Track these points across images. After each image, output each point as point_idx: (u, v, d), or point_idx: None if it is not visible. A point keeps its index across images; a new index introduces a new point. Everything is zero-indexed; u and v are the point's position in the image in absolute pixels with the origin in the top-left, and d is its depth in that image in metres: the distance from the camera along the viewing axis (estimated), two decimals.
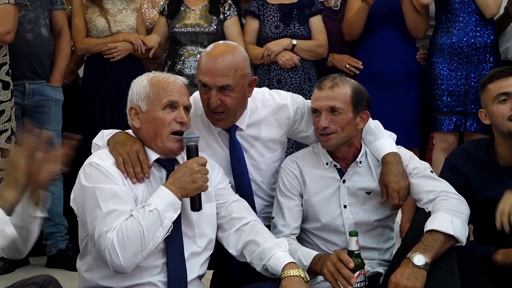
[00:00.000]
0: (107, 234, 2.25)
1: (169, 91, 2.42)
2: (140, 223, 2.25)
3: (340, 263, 2.38)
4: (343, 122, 2.60)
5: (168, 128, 2.40)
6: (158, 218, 2.26)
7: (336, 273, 2.38)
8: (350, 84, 2.66)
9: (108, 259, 2.25)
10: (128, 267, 2.27)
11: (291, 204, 2.69)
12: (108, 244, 2.24)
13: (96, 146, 2.56)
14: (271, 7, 4.07)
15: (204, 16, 4.02)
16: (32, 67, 3.82)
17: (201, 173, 2.34)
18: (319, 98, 2.63)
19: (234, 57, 2.59)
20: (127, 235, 2.24)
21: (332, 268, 2.39)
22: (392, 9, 4.01)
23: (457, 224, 2.42)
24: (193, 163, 2.35)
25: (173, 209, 2.30)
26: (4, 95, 3.50)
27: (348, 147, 2.68)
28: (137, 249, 2.25)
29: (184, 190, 2.32)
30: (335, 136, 2.61)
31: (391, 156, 2.65)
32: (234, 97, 2.59)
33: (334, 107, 2.60)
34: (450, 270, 2.38)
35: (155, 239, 2.27)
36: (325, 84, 2.63)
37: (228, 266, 2.60)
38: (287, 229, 2.66)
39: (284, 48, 3.99)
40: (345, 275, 2.36)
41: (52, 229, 4.00)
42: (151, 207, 2.27)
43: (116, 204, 2.28)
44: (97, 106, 4.03)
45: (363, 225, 2.67)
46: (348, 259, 2.38)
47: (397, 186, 2.59)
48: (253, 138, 2.77)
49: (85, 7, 4.06)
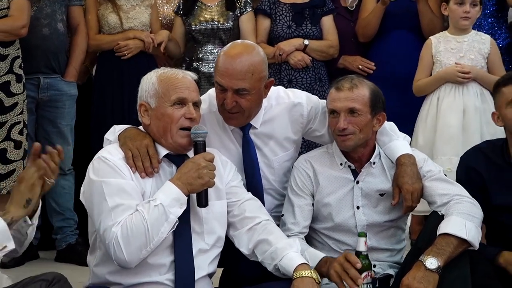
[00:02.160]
0: (112, 228, 2.25)
1: (177, 87, 2.42)
2: (145, 218, 2.25)
3: (347, 263, 2.37)
4: (362, 123, 2.60)
5: (177, 124, 2.40)
6: (163, 213, 2.27)
7: (343, 273, 2.37)
8: (368, 85, 2.65)
9: (112, 254, 2.26)
10: (132, 262, 2.27)
11: (302, 202, 2.69)
12: (113, 238, 2.25)
13: (107, 141, 2.57)
14: (283, 6, 4.07)
15: (221, 12, 4.02)
16: (47, 61, 3.84)
17: (208, 169, 2.33)
18: (337, 99, 2.62)
19: (252, 59, 2.58)
20: (131, 230, 2.24)
21: (339, 268, 2.38)
22: (406, 11, 4.01)
23: (470, 228, 2.41)
24: (200, 159, 2.35)
25: (178, 204, 2.30)
26: (17, 88, 3.53)
27: (363, 148, 2.68)
28: (141, 244, 2.25)
29: (190, 186, 2.32)
30: (353, 137, 2.61)
31: (405, 158, 2.65)
32: (250, 99, 2.59)
33: (354, 108, 2.59)
34: (462, 274, 2.38)
35: (160, 234, 2.27)
36: (344, 85, 2.62)
37: (238, 264, 2.60)
38: (296, 227, 2.66)
39: (296, 48, 3.99)
40: (352, 275, 2.35)
41: (62, 224, 4.02)
42: (156, 202, 2.27)
43: (122, 199, 2.29)
44: (109, 102, 4.04)
45: (376, 226, 2.67)
46: (356, 259, 2.37)
47: (411, 188, 2.58)
48: (266, 137, 2.77)
49: (98, 3, 4.07)
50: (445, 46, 3.71)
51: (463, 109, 3.64)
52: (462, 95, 3.66)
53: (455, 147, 3.52)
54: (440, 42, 3.73)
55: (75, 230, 4.05)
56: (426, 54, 3.78)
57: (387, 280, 2.64)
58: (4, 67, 3.44)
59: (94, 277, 2.44)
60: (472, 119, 3.60)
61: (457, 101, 3.65)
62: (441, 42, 3.73)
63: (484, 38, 3.71)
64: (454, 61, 3.69)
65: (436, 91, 3.72)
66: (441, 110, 3.67)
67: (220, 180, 2.50)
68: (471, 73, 3.63)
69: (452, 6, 3.68)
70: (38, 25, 3.71)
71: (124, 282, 2.35)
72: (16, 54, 3.61)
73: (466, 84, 3.66)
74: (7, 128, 3.47)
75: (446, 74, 3.68)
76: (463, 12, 3.63)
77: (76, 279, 2.72)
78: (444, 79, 3.70)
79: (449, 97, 3.68)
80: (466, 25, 3.67)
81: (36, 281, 2.35)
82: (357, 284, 2.34)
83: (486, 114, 3.58)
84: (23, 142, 3.53)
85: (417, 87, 3.79)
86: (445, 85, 3.70)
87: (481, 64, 3.68)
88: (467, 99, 3.65)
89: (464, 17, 3.64)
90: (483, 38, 3.72)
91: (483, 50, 3.68)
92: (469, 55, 3.67)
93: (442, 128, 3.64)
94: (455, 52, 3.70)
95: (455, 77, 3.64)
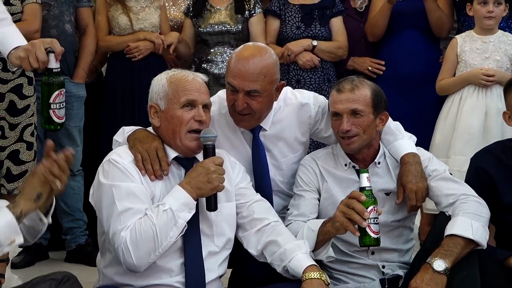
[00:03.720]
0: (121, 232, 2.26)
1: (187, 89, 2.42)
2: (154, 223, 2.25)
3: (351, 199, 2.32)
4: (365, 124, 2.59)
5: (186, 126, 2.40)
6: (172, 218, 2.26)
7: (348, 210, 2.31)
8: (369, 85, 2.65)
9: (121, 258, 2.27)
10: (141, 266, 2.27)
11: (309, 196, 2.68)
12: (122, 243, 2.25)
13: (116, 142, 2.57)
14: (292, 7, 4.07)
15: (230, 15, 4.02)
16: None
17: (217, 173, 2.33)
18: (339, 101, 2.62)
19: (265, 62, 2.58)
20: (140, 234, 2.25)
21: (344, 207, 2.33)
22: (415, 10, 3.99)
23: (477, 228, 2.41)
24: (209, 163, 2.34)
25: (187, 209, 2.30)
26: (29, 91, 3.56)
27: (367, 149, 2.67)
28: (150, 249, 2.25)
29: (200, 190, 2.32)
30: (357, 139, 2.60)
31: (410, 156, 2.64)
32: (261, 101, 2.59)
33: (356, 109, 2.59)
34: (471, 274, 2.38)
35: (168, 239, 2.27)
36: (344, 87, 2.62)
37: (247, 265, 2.60)
38: (300, 217, 2.63)
39: (305, 48, 3.98)
40: (358, 209, 2.29)
41: (71, 224, 4.03)
42: (165, 207, 2.27)
43: (131, 203, 2.29)
44: (119, 103, 4.04)
45: (383, 226, 2.64)
46: (360, 193, 2.32)
47: (414, 187, 2.57)
48: (276, 138, 2.77)
49: (108, 4, 4.07)
50: (471, 46, 3.68)
51: (485, 110, 3.61)
52: (485, 96, 3.63)
53: (473, 148, 3.47)
54: (466, 42, 3.69)
55: (84, 231, 4.06)
56: (451, 54, 3.74)
57: (396, 281, 2.64)
58: (17, 70, 3.47)
59: (104, 278, 2.45)
60: (494, 121, 3.57)
61: (479, 103, 3.62)
62: (467, 41, 3.69)
63: (511, 39, 3.67)
64: (479, 61, 3.66)
65: (459, 91, 3.69)
66: (463, 110, 3.64)
67: (229, 181, 2.50)
68: (496, 76, 3.60)
69: (475, 6, 3.64)
70: (46, 26, 3.73)
71: (134, 284, 2.35)
72: None
73: (489, 86, 3.63)
74: (20, 130, 3.51)
75: (470, 76, 3.65)
76: (487, 12, 3.59)
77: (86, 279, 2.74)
78: (468, 80, 3.66)
79: (472, 97, 3.64)
80: (490, 25, 3.64)
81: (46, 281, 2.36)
82: (364, 218, 2.29)
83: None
84: (34, 144, 3.57)
85: (440, 87, 3.77)
86: (468, 85, 3.67)
87: (506, 66, 3.65)
88: (490, 101, 3.62)
89: (488, 17, 3.61)
90: (510, 39, 3.67)
91: (509, 51, 3.64)
92: (494, 56, 3.65)
93: (463, 129, 3.62)
94: (480, 53, 3.67)
95: (479, 80, 3.61)
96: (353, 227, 2.32)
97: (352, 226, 2.32)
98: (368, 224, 2.31)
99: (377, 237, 2.34)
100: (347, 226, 2.33)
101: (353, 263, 2.67)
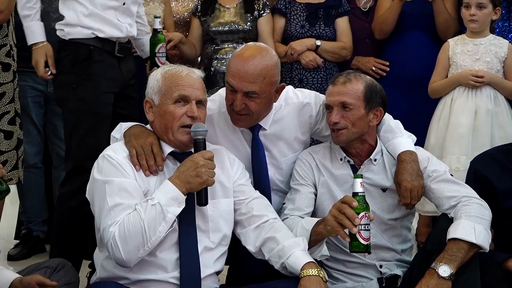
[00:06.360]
0: (110, 228, 2.26)
1: (180, 85, 2.42)
2: (142, 218, 2.24)
3: (343, 204, 2.30)
4: (354, 118, 2.59)
5: (179, 122, 2.40)
6: (161, 213, 2.25)
7: (339, 215, 2.29)
8: (364, 80, 2.64)
9: (110, 253, 2.27)
10: (130, 261, 2.27)
11: (304, 190, 2.67)
12: (110, 238, 2.25)
13: (114, 138, 2.58)
14: (298, 5, 4.05)
15: (239, 14, 4.00)
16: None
17: (207, 167, 2.31)
18: (331, 93, 2.63)
19: (265, 63, 2.57)
20: (128, 229, 2.24)
21: (335, 211, 2.32)
22: (421, 11, 3.98)
23: (479, 231, 2.40)
24: (198, 157, 2.33)
25: (176, 203, 2.28)
26: (4, 77, 3.44)
27: (360, 144, 2.66)
28: (138, 243, 2.25)
29: (189, 184, 2.30)
30: (346, 132, 2.60)
31: (406, 154, 2.63)
32: (259, 103, 2.59)
33: (345, 102, 2.59)
34: (472, 277, 2.37)
35: (157, 234, 2.26)
36: (338, 80, 2.63)
37: (244, 262, 2.60)
38: (296, 212, 2.63)
39: (308, 48, 3.96)
40: (349, 215, 2.27)
41: None
42: (153, 201, 2.26)
43: (122, 198, 2.29)
44: None
45: (379, 224, 2.64)
46: (352, 199, 2.30)
47: (409, 185, 2.56)
48: (276, 137, 2.76)
49: None
50: (462, 49, 3.70)
51: (475, 110, 3.62)
52: (475, 96, 3.64)
53: (464, 147, 3.52)
54: (458, 45, 3.72)
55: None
56: (443, 57, 3.76)
57: (394, 280, 2.63)
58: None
59: (102, 270, 2.43)
60: (483, 121, 3.59)
61: (469, 102, 3.64)
62: (459, 44, 3.71)
63: (502, 42, 3.69)
64: (469, 63, 3.67)
65: (451, 93, 3.71)
66: (453, 110, 3.67)
67: (228, 178, 2.50)
68: (485, 77, 3.61)
69: (462, 9, 3.70)
70: (47, 19, 3.66)
71: (130, 277, 2.35)
72: (2, 42, 3.49)
73: (479, 86, 3.64)
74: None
75: (460, 77, 3.67)
76: (469, 15, 3.62)
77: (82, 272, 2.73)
78: (458, 81, 3.68)
79: (461, 98, 3.66)
80: (474, 28, 3.66)
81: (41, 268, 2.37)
82: (354, 224, 2.28)
83: (498, 117, 3.58)
84: (14, 132, 3.46)
85: (432, 89, 3.78)
86: (459, 87, 3.69)
87: (497, 68, 3.66)
88: (480, 100, 3.63)
89: (470, 20, 3.63)
90: (501, 42, 3.69)
91: (500, 53, 3.65)
92: (484, 58, 3.66)
93: (453, 128, 3.63)
94: (471, 54, 3.68)
95: (468, 81, 3.63)
96: (344, 232, 2.30)
97: (342, 231, 2.30)
98: (358, 230, 2.28)
99: (366, 244, 2.30)
100: (338, 231, 2.31)
101: (350, 262, 2.66)
